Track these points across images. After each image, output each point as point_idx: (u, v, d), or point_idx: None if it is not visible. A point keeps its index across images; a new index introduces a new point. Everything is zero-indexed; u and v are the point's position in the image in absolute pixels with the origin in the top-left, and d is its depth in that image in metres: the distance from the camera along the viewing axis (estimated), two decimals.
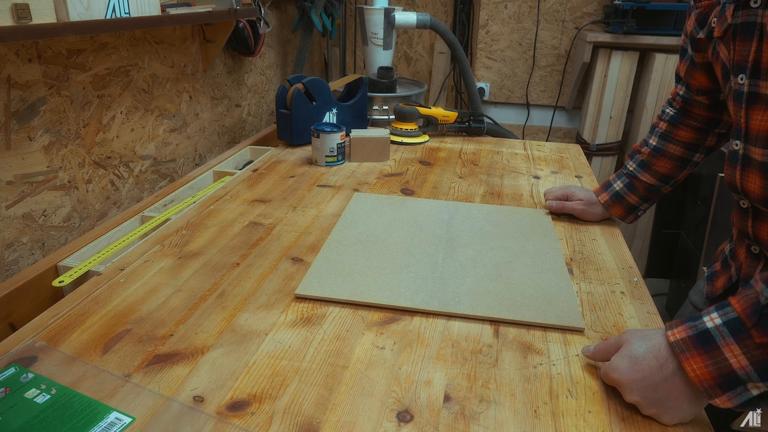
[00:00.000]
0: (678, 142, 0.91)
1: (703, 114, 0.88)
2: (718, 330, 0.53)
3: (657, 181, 0.95)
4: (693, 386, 0.54)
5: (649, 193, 0.97)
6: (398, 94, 1.67)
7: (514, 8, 2.26)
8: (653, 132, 0.95)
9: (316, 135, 1.25)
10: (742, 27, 0.65)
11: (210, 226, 0.96)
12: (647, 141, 0.95)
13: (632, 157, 0.98)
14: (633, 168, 0.97)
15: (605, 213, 1.03)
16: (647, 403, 0.56)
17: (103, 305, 0.73)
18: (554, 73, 2.33)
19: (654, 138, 0.94)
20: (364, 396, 0.58)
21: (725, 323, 0.53)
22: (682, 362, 0.54)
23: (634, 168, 0.97)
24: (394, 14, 1.67)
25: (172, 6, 1.18)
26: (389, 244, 0.89)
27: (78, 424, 0.53)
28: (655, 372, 0.56)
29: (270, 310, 0.73)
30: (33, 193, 0.97)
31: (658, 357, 0.56)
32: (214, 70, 1.55)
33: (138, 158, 1.25)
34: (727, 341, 0.52)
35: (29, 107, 0.95)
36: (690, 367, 0.54)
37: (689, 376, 0.54)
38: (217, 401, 0.57)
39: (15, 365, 0.61)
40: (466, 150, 1.45)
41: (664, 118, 0.93)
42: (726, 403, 0.52)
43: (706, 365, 0.53)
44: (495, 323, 0.72)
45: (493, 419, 0.56)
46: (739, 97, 0.66)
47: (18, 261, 0.96)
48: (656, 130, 0.94)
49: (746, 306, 0.52)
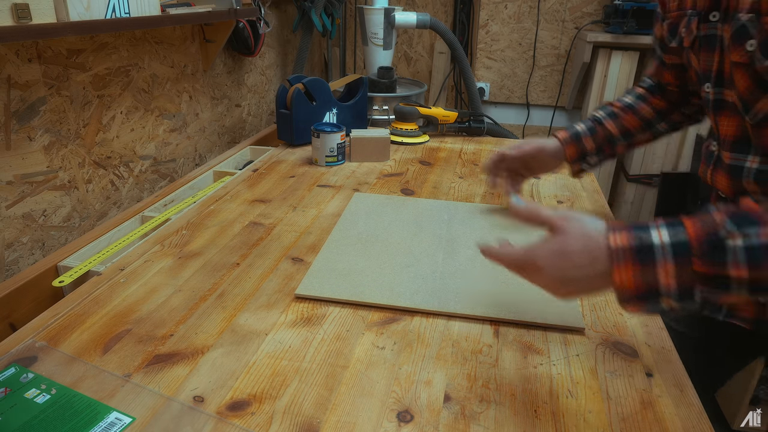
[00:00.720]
0: (651, 105, 0.94)
1: (675, 91, 0.91)
2: (663, 248, 0.50)
3: (618, 132, 0.94)
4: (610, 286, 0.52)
5: (605, 142, 0.93)
6: (398, 94, 1.67)
7: (514, 8, 2.26)
8: (630, 93, 0.97)
9: (316, 135, 1.25)
10: (704, 39, 0.70)
11: (210, 226, 0.96)
12: (621, 98, 0.97)
13: (602, 108, 0.97)
14: (600, 115, 0.95)
15: (559, 154, 0.95)
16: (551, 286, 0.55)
17: (103, 305, 0.73)
18: (554, 73, 2.33)
19: (630, 97, 0.96)
20: (364, 396, 0.58)
21: (672, 244, 0.50)
22: (612, 268, 0.52)
23: (601, 115, 0.95)
24: (394, 14, 1.67)
25: (172, 6, 1.18)
26: (389, 244, 0.89)
27: (78, 424, 0.53)
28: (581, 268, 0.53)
29: (270, 310, 0.73)
30: (33, 193, 0.97)
31: (591, 256, 0.53)
32: (214, 70, 1.55)
33: (138, 158, 1.25)
34: (666, 261, 0.50)
35: (29, 107, 0.95)
36: (618, 275, 0.51)
37: (613, 280, 0.52)
38: (217, 401, 0.57)
39: (15, 365, 0.61)
40: (467, 150, 1.45)
41: (643, 85, 0.96)
42: (634, 310, 0.52)
43: (634, 277, 0.51)
44: (495, 323, 0.72)
45: (493, 419, 0.56)
46: (708, 104, 0.72)
47: (18, 261, 0.96)
48: (633, 92, 0.96)
49: (701, 233, 0.49)
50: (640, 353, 0.67)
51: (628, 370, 0.64)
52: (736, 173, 0.69)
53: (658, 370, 0.64)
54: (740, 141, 0.68)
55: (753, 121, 0.64)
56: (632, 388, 0.61)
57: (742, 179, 0.68)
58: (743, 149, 0.68)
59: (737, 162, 0.69)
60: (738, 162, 0.69)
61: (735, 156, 0.69)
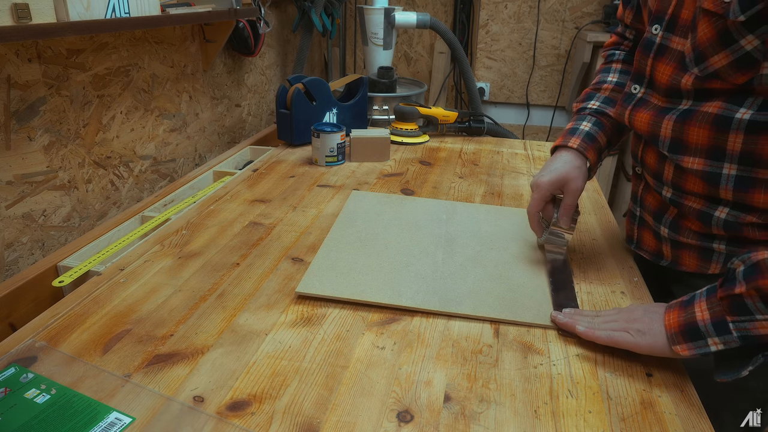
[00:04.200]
0: None
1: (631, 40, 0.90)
2: (700, 293, 0.61)
3: None
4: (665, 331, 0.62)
5: (613, 132, 0.86)
6: (398, 94, 1.67)
7: (514, 8, 2.26)
8: (609, 72, 0.90)
9: (316, 135, 1.25)
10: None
11: (210, 226, 0.96)
12: (606, 79, 0.89)
13: (590, 97, 0.89)
14: (597, 105, 0.87)
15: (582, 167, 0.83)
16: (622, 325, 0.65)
17: (103, 305, 0.73)
18: (554, 73, 2.33)
19: (613, 75, 0.89)
20: (365, 396, 0.58)
21: (707, 288, 0.61)
22: (664, 313, 0.63)
23: (598, 105, 0.87)
24: (394, 14, 1.67)
25: (172, 6, 1.18)
26: (389, 243, 0.89)
27: (78, 424, 0.53)
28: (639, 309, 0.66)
29: (270, 310, 0.73)
30: (33, 193, 0.97)
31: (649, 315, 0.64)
32: (214, 70, 1.55)
33: (138, 158, 1.25)
34: (701, 299, 0.61)
35: (29, 107, 0.95)
36: (668, 317, 0.62)
37: (664, 323, 0.62)
38: (217, 401, 0.57)
39: (15, 365, 0.61)
40: (467, 150, 1.45)
41: (617, 59, 0.91)
42: (684, 351, 0.60)
43: (678, 316, 0.61)
44: (495, 323, 0.72)
45: (494, 419, 0.56)
46: (649, 46, 0.72)
47: (18, 261, 0.96)
48: (612, 69, 0.90)
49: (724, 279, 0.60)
50: (640, 354, 0.67)
51: (628, 370, 0.64)
52: (663, 113, 0.70)
53: (658, 370, 0.64)
54: (674, 88, 0.68)
55: (702, 74, 0.63)
56: (632, 388, 0.61)
57: (664, 119, 0.70)
58: (677, 95, 0.69)
59: (670, 105, 0.70)
60: (671, 105, 0.70)
61: (669, 100, 0.70)
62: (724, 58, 0.60)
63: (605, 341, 0.65)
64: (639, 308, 0.66)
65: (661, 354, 0.62)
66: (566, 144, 0.84)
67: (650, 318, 0.64)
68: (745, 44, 0.58)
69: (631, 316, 0.65)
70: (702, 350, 0.58)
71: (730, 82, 0.61)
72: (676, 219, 0.75)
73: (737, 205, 0.66)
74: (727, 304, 0.57)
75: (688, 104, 0.68)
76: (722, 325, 0.57)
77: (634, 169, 0.83)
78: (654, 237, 0.80)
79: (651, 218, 0.80)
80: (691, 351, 0.59)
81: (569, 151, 0.84)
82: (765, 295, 0.55)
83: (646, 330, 0.63)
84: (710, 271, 0.73)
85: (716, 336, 0.57)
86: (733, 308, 0.57)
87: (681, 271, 0.77)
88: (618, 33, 0.93)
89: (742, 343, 0.56)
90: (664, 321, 0.62)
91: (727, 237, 0.70)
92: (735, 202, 0.66)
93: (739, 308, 0.56)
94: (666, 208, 0.76)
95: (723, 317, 0.57)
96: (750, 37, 0.57)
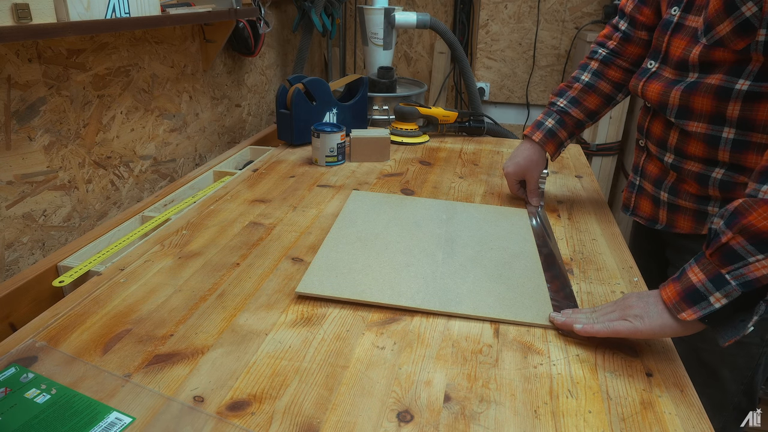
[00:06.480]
0: (608, 80, 1.00)
1: (637, 52, 0.96)
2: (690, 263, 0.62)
3: (584, 116, 1.02)
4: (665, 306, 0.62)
5: (575, 128, 1.03)
6: (398, 94, 1.67)
7: (514, 8, 2.26)
8: (585, 69, 1.01)
9: (316, 135, 1.25)
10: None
11: (210, 226, 0.96)
12: (578, 78, 1.02)
13: (561, 94, 1.03)
14: (564, 105, 1.02)
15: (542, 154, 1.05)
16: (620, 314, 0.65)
17: (103, 305, 0.73)
18: (554, 73, 2.33)
19: (587, 74, 1.00)
20: (365, 396, 0.58)
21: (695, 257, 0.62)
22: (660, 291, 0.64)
23: (564, 104, 1.02)
24: (394, 14, 1.67)
25: (172, 6, 1.18)
26: (389, 243, 0.89)
27: (78, 424, 0.53)
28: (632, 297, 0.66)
29: (270, 310, 0.73)
30: (33, 193, 0.97)
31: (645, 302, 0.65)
32: (214, 70, 1.55)
33: (138, 158, 1.25)
34: (691, 266, 0.61)
35: (29, 107, 0.95)
36: (665, 293, 0.63)
37: (662, 298, 0.63)
38: (217, 401, 0.57)
39: (15, 365, 0.61)
40: (467, 150, 1.45)
41: (596, 57, 1.00)
42: (691, 316, 0.59)
43: (675, 287, 0.62)
44: (495, 323, 0.72)
45: (494, 419, 0.56)
46: (667, 25, 0.82)
47: (18, 261, 0.96)
48: (588, 67, 1.01)
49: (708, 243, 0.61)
50: (640, 353, 0.67)
51: (628, 370, 0.64)
52: (672, 84, 0.79)
53: (658, 370, 0.64)
54: (683, 61, 0.78)
55: (709, 42, 0.73)
56: (632, 388, 0.61)
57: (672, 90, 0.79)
58: (685, 68, 0.78)
59: (679, 77, 0.79)
60: (679, 77, 0.79)
61: (678, 73, 0.80)
62: (728, 25, 0.69)
63: (605, 333, 0.65)
64: (632, 295, 0.67)
65: (661, 334, 0.63)
66: (531, 136, 1.04)
67: (645, 302, 0.64)
68: (745, 11, 0.67)
69: (626, 303, 0.66)
70: (707, 310, 0.58)
71: (731, 48, 0.70)
72: (675, 183, 0.85)
73: (733, 166, 0.76)
74: (717, 258, 0.58)
75: (694, 77, 0.77)
76: (719, 278, 0.58)
77: (638, 142, 0.93)
78: (651, 202, 0.90)
79: (651, 185, 0.90)
80: (696, 314, 0.59)
81: (531, 144, 1.05)
82: (751, 235, 0.56)
83: (644, 314, 0.63)
84: (703, 231, 0.81)
85: (716, 291, 0.58)
86: (724, 259, 0.58)
87: (674, 234, 0.87)
88: (612, 24, 1.00)
89: (743, 289, 0.57)
90: (662, 296, 0.63)
91: (721, 198, 0.78)
92: (731, 164, 0.76)
93: (730, 257, 0.57)
94: (666, 174, 0.86)
95: (717, 271, 0.58)
96: (750, 3, 0.66)
